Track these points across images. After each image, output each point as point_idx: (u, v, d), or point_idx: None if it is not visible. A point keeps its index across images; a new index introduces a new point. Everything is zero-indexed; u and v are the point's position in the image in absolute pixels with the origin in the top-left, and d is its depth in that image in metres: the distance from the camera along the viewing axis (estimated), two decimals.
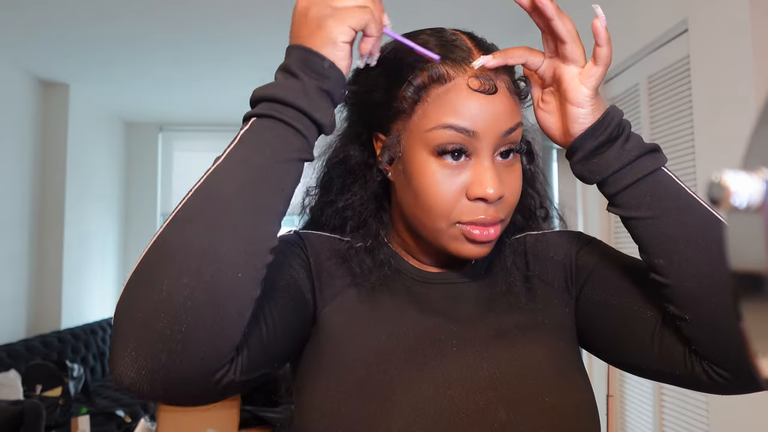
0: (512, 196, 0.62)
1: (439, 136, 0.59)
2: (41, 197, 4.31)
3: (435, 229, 0.62)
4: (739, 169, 0.25)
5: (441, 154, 0.60)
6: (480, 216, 0.60)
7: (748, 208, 0.24)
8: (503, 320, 0.66)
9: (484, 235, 0.60)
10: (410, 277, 0.68)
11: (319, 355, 0.62)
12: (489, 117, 0.59)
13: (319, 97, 0.52)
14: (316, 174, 0.73)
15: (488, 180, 0.59)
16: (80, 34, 3.46)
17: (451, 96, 0.59)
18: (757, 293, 0.26)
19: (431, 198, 0.60)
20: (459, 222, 0.61)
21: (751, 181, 0.24)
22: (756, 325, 0.26)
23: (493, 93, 0.59)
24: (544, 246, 0.73)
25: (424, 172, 0.60)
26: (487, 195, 0.59)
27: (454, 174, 0.60)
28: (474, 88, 0.59)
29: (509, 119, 0.60)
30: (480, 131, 0.59)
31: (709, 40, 1.87)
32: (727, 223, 0.27)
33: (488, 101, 0.59)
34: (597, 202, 2.67)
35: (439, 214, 0.60)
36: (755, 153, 0.26)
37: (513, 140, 0.61)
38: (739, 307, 0.27)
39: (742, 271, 0.26)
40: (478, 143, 0.59)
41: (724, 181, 0.24)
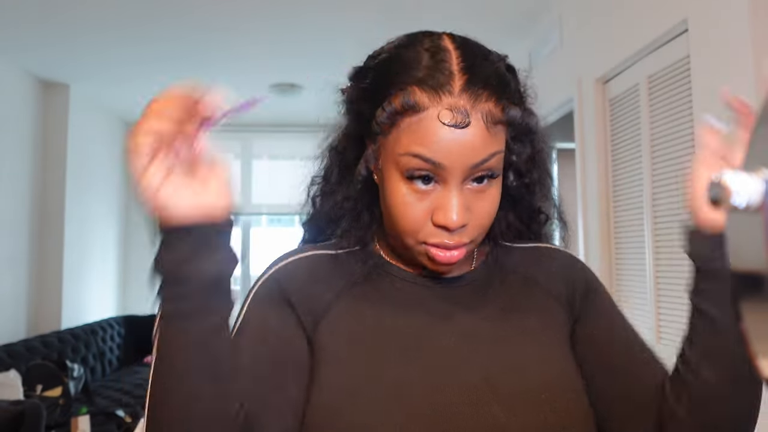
0: (481, 219, 0.64)
1: (407, 162, 0.61)
2: (41, 197, 4.31)
3: (404, 244, 0.66)
4: (739, 169, 0.25)
5: (411, 179, 0.62)
6: (444, 240, 0.62)
7: (748, 208, 0.24)
8: (498, 320, 0.68)
9: (446, 257, 0.63)
10: (401, 278, 0.70)
11: (316, 366, 0.64)
12: (457, 150, 0.59)
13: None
14: (322, 162, 0.75)
15: (451, 210, 0.61)
16: (80, 34, 3.46)
17: (422, 126, 0.60)
18: (757, 293, 0.26)
19: (400, 218, 0.63)
20: (425, 243, 0.63)
21: (751, 181, 0.24)
22: (756, 325, 0.26)
23: (464, 127, 0.59)
24: (548, 259, 0.76)
25: (395, 192, 0.63)
26: (448, 224, 0.61)
27: (422, 198, 0.62)
28: (444, 121, 0.59)
29: (481, 151, 0.60)
30: (447, 164, 0.59)
31: (709, 40, 1.87)
32: (727, 223, 0.27)
33: (458, 135, 0.59)
34: (596, 202, 2.67)
35: (407, 233, 0.64)
36: (755, 153, 0.26)
37: (486, 168, 0.61)
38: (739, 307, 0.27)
39: (742, 271, 0.26)
40: (446, 173, 0.60)
41: (724, 181, 0.24)
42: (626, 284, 2.50)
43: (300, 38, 3.50)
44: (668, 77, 2.14)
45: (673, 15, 2.04)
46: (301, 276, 0.69)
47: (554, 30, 3.10)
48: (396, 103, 0.60)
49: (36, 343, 3.66)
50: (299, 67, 4.02)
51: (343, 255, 0.71)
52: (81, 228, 4.63)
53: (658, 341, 2.23)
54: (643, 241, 2.33)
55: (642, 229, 2.34)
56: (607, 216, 2.65)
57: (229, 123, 0.53)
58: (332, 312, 0.67)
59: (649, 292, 2.29)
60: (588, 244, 2.77)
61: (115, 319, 4.81)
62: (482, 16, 3.23)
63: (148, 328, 3.40)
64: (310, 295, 0.67)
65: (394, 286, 0.69)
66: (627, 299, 2.50)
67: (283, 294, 0.67)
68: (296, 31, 3.40)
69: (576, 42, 2.88)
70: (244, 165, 5.71)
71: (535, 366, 0.65)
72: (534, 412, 0.61)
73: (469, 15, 3.19)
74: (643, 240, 2.33)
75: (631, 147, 2.42)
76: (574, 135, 2.89)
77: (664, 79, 2.16)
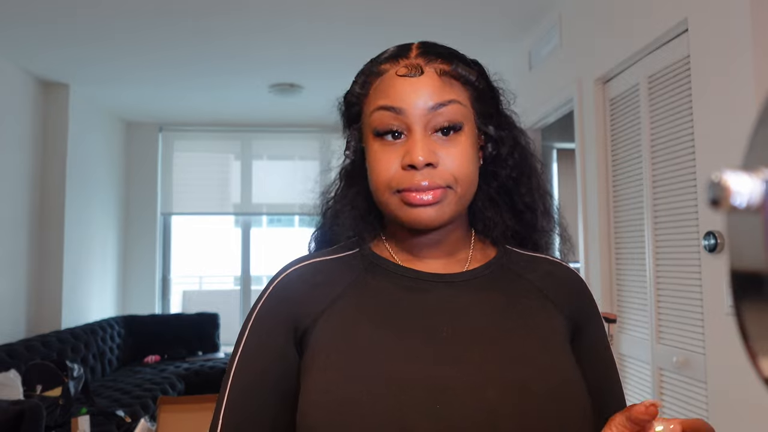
0: (452, 164, 0.67)
1: (376, 118, 0.68)
2: (41, 197, 4.31)
3: (384, 201, 0.69)
4: (739, 169, 0.25)
5: (381, 135, 0.68)
6: (412, 181, 0.66)
7: (748, 208, 0.24)
8: (497, 314, 0.69)
9: (419, 199, 0.66)
10: (401, 274, 0.72)
11: (313, 359, 0.66)
12: (412, 95, 0.67)
13: None
14: (332, 180, 0.82)
15: (415, 149, 0.66)
16: (80, 34, 3.46)
17: (384, 83, 0.69)
18: (757, 293, 0.26)
19: (374, 173, 0.69)
20: (397, 190, 0.67)
21: (751, 181, 0.24)
22: (756, 325, 0.26)
23: (418, 75, 0.67)
24: (557, 275, 0.77)
25: (370, 152, 0.70)
26: (414, 161, 0.65)
27: (392, 150, 0.68)
28: (400, 74, 0.68)
29: (436, 95, 0.67)
30: (406, 108, 0.67)
31: (709, 40, 1.87)
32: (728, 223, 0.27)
33: (413, 82, 0.67)
34: (596, 202, 2.67)
35: (382, 186, 0.68)
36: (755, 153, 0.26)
37: (447, 116, 0.67)
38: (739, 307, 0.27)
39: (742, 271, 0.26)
40: (407, 119, 0.67)
41: (724, 181, 0.24)
42: (626, 284, 2.51)
43: (300, 38, 3.50)
44: (668, 77, 2.14)
45: (673, 15, 2.05)
46: (301, 283, 0.71)
47: (554, 30, 3.10)
48: (363, 74, 0.72)
49: (36, 343, 3.65)
50: (299, 67, 4.02)
51: (343, 258, 0.74)
52: (81, 228, 4.63)
53: (657, 341, 2.23)
54: (643, 241, 2.33)
55: (642, 229, 2.34)
56: (607, 216, 2.65)
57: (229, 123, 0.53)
58: (331, 309, 0.68)
59: (649, 292, 2.29)
60: (588, 244, 2.77)
61: (115, 319, 4.80)
62: (482, 16, 3.22)
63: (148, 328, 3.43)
64: (310, 298, 0.69)
65: (393, 282, 0.71)
66: (627, 299, 2.50)
67: (282, 310, 0.69)
68: (296, 31, 3.40)
69: (576, 42, 2.88)
70: (244, 165, 5.71)
71: (532, 356, 0.66)
72: (528, 398, 0.62)
73: (470, 15, 3.19)
74: (643, 240, 2.33)
75: (631, 147, 2.42)
76: (574, 135, 2.89)
77: (664, 79, 2.16)
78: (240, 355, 0.68)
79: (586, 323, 0.75)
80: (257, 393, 0.66)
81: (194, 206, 5.72)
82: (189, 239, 6.25)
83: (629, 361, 2.48)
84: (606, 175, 2.65)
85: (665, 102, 2.16)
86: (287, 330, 0.68)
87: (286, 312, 0.69)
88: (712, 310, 1.86)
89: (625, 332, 2.51)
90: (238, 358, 0.68)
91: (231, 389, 0.66)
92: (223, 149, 5.74)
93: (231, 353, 0.70)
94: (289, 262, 0.75)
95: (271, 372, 0.67)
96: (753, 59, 1.66)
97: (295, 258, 0.76)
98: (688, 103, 2.00)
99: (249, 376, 0.67)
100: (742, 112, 1.71)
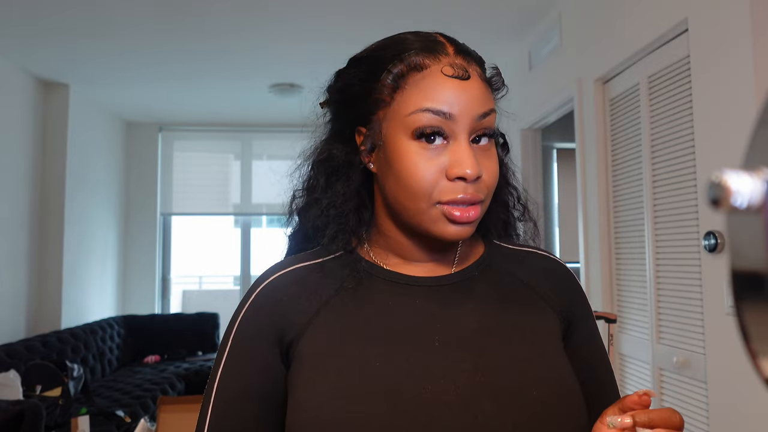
0: (490, 177, 0.65)
1: (418, 120, 0.62)
2: (41, 197, 4.31)
3: (417, 210, 0.64)
4: (739, 169, 0.25)
5: (419, 138, 0.63)
6: (459, 195, 0.62)
7: (748, 208, 0.24)
8: (489, 317, 0.68)
9: (464, 216, 0.63)
10: (389, 280, 0.69)
11: (301, 373, 0.64)
12: (463, 100, 0.63)
13: None
14: (302, 176, 0.75)
15: (467, 160, 0.62)
16: (80, 34, 3.46)
17: (427, 82, 0.63)
18: (757, 293, 0.26)
19: (412, 179, 0.63)
20: (439, 202, 0.63)
21: (751, 181, 0.24)
22: (756, 325, 0.26)
23: (466, 79, 0.63)
24: (548, 270, 0.75)
25: (405, 154, 0.63)
26: (466, 174, 0.61)
27: (432, 156, 0.63)
28: (448, 74, 0.63)
29: (483, 104, 0.64)
30: (456, 114, 0.62)
31: (709, 40, 1.87)
32: (728, 223, 0.27)
33: (462, 86, 0.63)
34: (596, 202, 2.67)
35: (421, 195, 0.63)
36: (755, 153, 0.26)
37: (487, 125, 0.64)
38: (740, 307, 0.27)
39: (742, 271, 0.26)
40: (454, 125, 0.62)
41: (724, 181, 0.24)
42: (626, 284, 2.50)
43: (299, 38, 3.50)
44: (668, 77, 2.14)
45: (673, 15, 2.05)
46: (283, 292, 0.68)
47: (554, 30, 3.10)
48: (402, 64, 0.64)
49: (36, 343, 3.65)
50: (299, 67, 4.02)
51: (329, 262, 0.71)
52: (81, 228, 4.63)
53: (657, 341, 2.23)
54: (643, 241, 2.33)
55: (642, 229, 2.34)
56: (607, 216, 2.65)
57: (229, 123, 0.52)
58: (318, 319, 0.66)
59: (649, 292, 2.29)
60: (588, 244, 2.77)
61: (115, 319, 4.80)
62: (483, 16, 3.22)
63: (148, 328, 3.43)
64: (294, 309, 0.67)
65: (381, 288, 0.68)
66: (627, 299, 2.50)
67: (265, 321, 0.66)
68: (296, 32, 3.40)
69: (576, 42, 2.88)
70: (244, 165, 5.71)
71: (527, 363, 0.64)
72: (525, 408, 0.61)
73: (469, 15, 3.19)
74: (643, 240, 2.33)
75: (631, 147, 2.42)
76: (574, 135, 2.89)
77: (664, 79, 2.16)
78: (222, 370, 0.66)
79: (578, 318, 0.74)
80: (242, 408, 0.64)
81: (194, 206, 5.72)
82: (189, 239, 6.25)
83: (629, 361, 2.48)
84: (606, 175, 2.65)
85: (665, 102, 2.16)
86: (272, 343, 0.66)
87: (270, 324, 0.66)
88: (712, 310, 1.86)
89: (625, 332, 2.51)
90: (221, 372, 0.66)
91: (214, 404, 0.65)
92: (223, 149, 5.74)
93: (213, 363, 0.67)
94: (269, 269, 0.71)
95: (256, 386, 0.65)
96: (753, 59, 1.66)
97: (275, 264, 0.73)
98: (688, 103, 2.00)
99: (232, 392, 0.65)
100: (742, 112, 1.71)
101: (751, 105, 1.68)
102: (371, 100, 0.66)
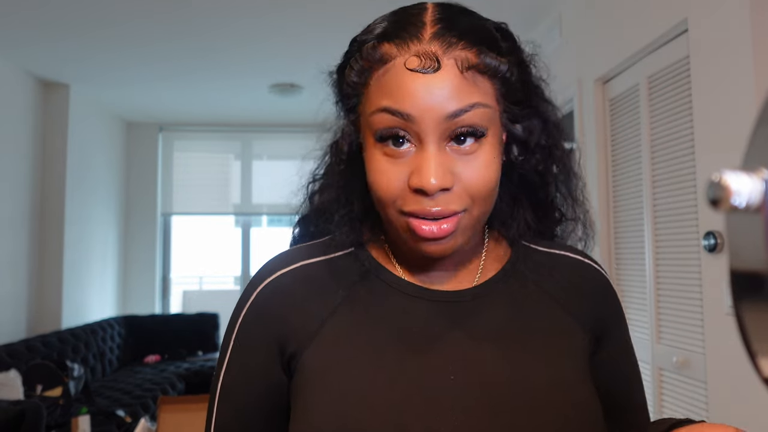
0: (473, 186, 0.55)
1: (378, 121, 0.55)
2: (41, 197, 4.31)
3: (387, 218, 0.58)
4: (739, 169, 0.25)
5: (382, 141, 0.56)
6: (424, 207, 0.54)
7: (748, 208, 0.24)
8: (509, 340, 0.61)
9: (429, 231, 0.55)
10: (401, 291, 0.63)
11: (304, 389, 0.59)
12: (427, 98, 0.53)
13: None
14: (321, 158, 0.70)
15: (427, 169, 0.53)
16: (80, 34, 3.46)
17: (389, 77, 0.55)
18: (757, 293, 0.26)
19: (376, 186, 0.57)
20: (402, 212, 0.56)
21: (751, 181, 0.24)
22: (756, 325, 0.26)
23: (434, 71, 0.53)
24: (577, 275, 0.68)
25: (370, 159, 0.57)
26: (424, 185, 0.53)
27: (397, 161, 0.55)
28: (411, 67, 0.53)
29: (455, 100, 0.53)
30: (416, 114, 0.53)
31: (709, 40, 1.87)
32: (728, 223, 0.27)
33: (427, 81, 0.53)
34: (596, 202, 2.67)
35: (386, 203, 0.57)
36: (755, 153, 0.26)
37: (467, 123, 0.54)
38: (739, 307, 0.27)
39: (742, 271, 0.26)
40: (417, 128, 0.54)
41: (724, 181, 0.24)
42: (626, 284, 2.50)
43: (300, 38, 3.50)
44: (668, 77, 2.14)
45: (673, 15, 2.05)
46: (287, 294, 0.62)
47: (554, 30, 3.10)
48: (362, 58, 0.57)
49: (36, 343, 3.65)
50: (299, 67, 4.02)
51: (336, 260, 0.65)
52: (81, 228, 4.63)
53: (657, 341, 2.23)
54: (643, 241, 2.33)
55: (642, 229, 2.34)
56: (607, 216, 2.65)
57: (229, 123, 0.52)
58: (324, 331, 0.60)
59: (648, 292, 2.29)
60: None
61: (115, 319, 4.81)
62: None
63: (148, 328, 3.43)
64: (298, 316, 0.61)
65: (392, 300, 0.62)
66: (627, 299, 2.50)
67: (266, 327, 0.62)
68: (296, 31, 3.40)
69: (576, 42, 2.88)
70: (244, 165, 5.71)
71: (546, 396, 0.59)
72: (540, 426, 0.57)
73: None
74: (643, 240, 2.33)
75: (631, 147, 2.42)
76: (574, 135, 2.89)
77: (664, 79, 2.16)
78: (224, 375, 0.63)
79: (610, 333, 0.67)
80: (245, 414, 0.62)
81: (194, 206, 5.73)
82: (189, 239, 6.24)
83: None
84: (606, 175, 2.65)
85: (665, 102, 2.16)
86: (273, 352, 0.61)
87: (271, 332, 0.61)
88: (712, 310, 1.86)
89: None
90: (223, 377, 0.63)
91: (218, 409, 0.62)
92: (223, 149, 5.74)
93: (216, 365, 0.65)
94: (272, 263, 0.65)
95: (257, 393, 0.62)
96: (753, 59, 1.66)
97: (278, 256, 0.66)
98: (688, 103, 2.00)
99: (234, 398, 0.62)
100: (742, 112, 1.71)
101: (751, 105, 1.68)
102: (346, 95, 0.60)
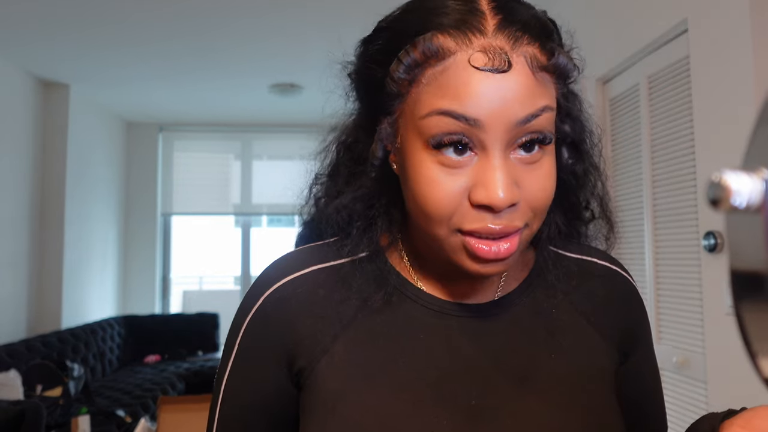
0: (537, 199, 0.49)
1: (433, 125, 0.47)
2: (41, 197, 4.31)
3: (435, 237, 0.51)
4: (739, 169, 0.25)
5: (438, 148, 0.48)
6: (487, 224, 0.48)
7: (748, 208, 0.24)
8: (532, 361, 0.57)
9: (492, 252, 0.48)
10: (422, 305, 0.57)
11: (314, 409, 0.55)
12: (497, 102, 0.46)
13: None
14: (327, 158, 0.63)
15: (495, 183, 0.46)
16: (80, 34, 3.46)
17: (449, 75, 0.47)
18: (757, 293, 0.26)
19: (425, 200, 0.49)
20: (460, 230, 0.49)
21: (751, 181, 0.24)
22: (756, 325, 0.26)
23: (505, 71, 0.46)
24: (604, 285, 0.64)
25: (419, 168, 0.49)
26: (492, 202, 0.46)
27: (455, 172, 0.48)
28: (477, 65, 0.46)
29: (528, 104, 0.47)
30: (485, 120, 0.46)
31: (709, 40, 1.87)
32: (728, 223, 0.27)
33: (497, 81, 0.46)
34: None
35: (436, 220, 0.49)
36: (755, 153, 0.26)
37: (536, 129, 0.48)
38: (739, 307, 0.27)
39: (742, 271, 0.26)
40: (483, 135, 0.47)
41: (724, 181, 0.24)
42: None
43: (300, 38, 3.50)
44: (668, 77, 2.14)
45: (673, 15, 2.04)
46: (297, 304, 0.57)
47: None
48: (415, 51, 0.48)
49: (36, 343, 3.66)
50: (299, 67, 4.02)
51: (350, 265, 0.58)
52: (81, 228, 4.63)
53: (657, 341, 2.23)
54: (643, 241, 2.33)
55: (642, 229, 2.34)
56: None
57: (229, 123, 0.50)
58: (336, 347, 0.55)
59: (649, 292, 2.29)
60: None
61: (115, 319, 4.81)
62: None
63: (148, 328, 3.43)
64: (308, 329, 0.56)
65: (413, 317, 0.57)
66: None
67: (273, 338, 0.57)
68: (296, 31, 3.40)
69: (576, 42, 2.88)
70: (244, 165, 5.71)
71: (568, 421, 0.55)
72: None
73: None
74: (643, 240, 2.33)
75: (631, 147, 2.42)
76: None
77: (664, 79, 2.16)
78: (226, 383, 0.58)
79: (636, 343, 0.64)
80: (248, 424, 0.59)
81: (194, 206, 5.73)
82: (189, 239, 6.24)
83: None
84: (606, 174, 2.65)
85: (665, 102, 2.16)
86: (281, 364, 0.56)
87: (279, 344, 0.56)
88: (712, 310, 1.86)
89: None
90: (225, 386, 0.58)
91: (220, 416, 0.59)
92: (223, 149, 5.74)
93: (218, 370, 0.61)
94: (279, 266, 0.59)
95: (261, 405, 0.58)
96: (753, 59, 1.66)
97: (286, 257, 0.61)
98: (688, 103, 2.00)
99: (237, 408, 0.58)
100: (742, 112, 1.71)
101: (751, 105, 1.68)
102: (386, 91, 0.51)
